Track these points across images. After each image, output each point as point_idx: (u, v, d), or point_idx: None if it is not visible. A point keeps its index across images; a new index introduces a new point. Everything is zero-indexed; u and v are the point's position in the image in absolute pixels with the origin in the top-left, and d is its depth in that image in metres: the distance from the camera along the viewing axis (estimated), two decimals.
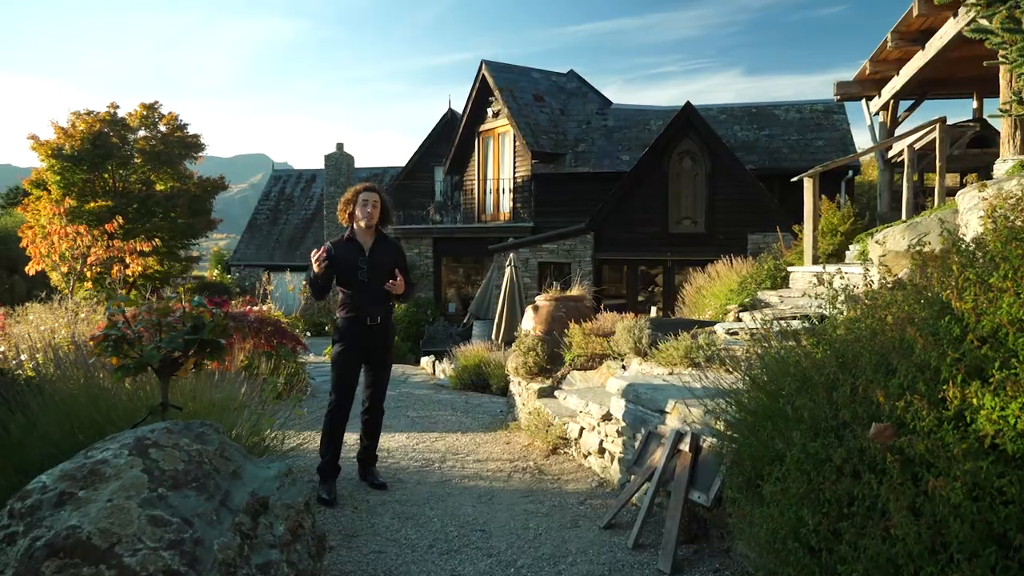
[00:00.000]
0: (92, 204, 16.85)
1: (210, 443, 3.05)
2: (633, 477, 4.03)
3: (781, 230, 10.56)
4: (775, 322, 5.12)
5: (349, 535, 3.93)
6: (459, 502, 4.48)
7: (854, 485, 2.07)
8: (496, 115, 18.23)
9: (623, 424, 4.51)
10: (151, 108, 18.53)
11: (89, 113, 17.18)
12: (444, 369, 10.75)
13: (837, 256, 8.65)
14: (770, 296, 7.41)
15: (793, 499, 2.27)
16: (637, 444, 4.23)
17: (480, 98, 18.60)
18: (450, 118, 24.04)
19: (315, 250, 4.55)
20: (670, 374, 4.96)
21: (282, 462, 3.31)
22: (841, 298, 3.14)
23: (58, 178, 16.56)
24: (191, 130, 19.13)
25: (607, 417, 4.76)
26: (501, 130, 18.27)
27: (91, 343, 3.59)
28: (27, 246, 13.19)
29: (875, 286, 2.93)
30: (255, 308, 9.11)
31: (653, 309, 15.94)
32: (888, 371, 2.23)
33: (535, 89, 18.57)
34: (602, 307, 7.30)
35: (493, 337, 12.07)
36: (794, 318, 5.87)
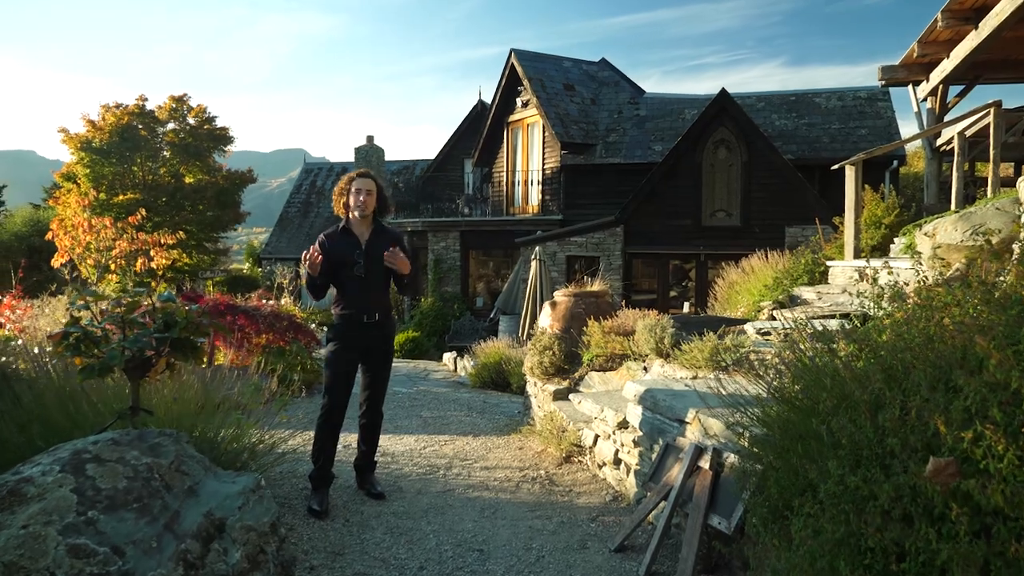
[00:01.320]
0: (121, 197, 16.86)
1: (164, 455, 2.72)
2: (648, 494, 3.62)
3: (820, 223, 9.99)
4: (811, 322, 4.65)
5: (335, 552, 3.60)
6: (460, 515, 4.11)
7: (905, 534, 1.65)
8: (525, 105, 17.81)
9: (639, 433, 4.10)
10: (180, 100, 18.48)
11: (118, 106, 17.19)
12: (465, 366, 10.42)
13: (881, 250, 8.08)
14: (807, 293, 6.90)
15: (827, 545, 1.85)
16: (654, 456, 3.82)
17: (509, 88, 18.20)
18: (480, 110, 23.66)
19: (306, 250, 4.21)
20: (694, 378, 4.52)
21: (251, 475, 2.98)
22: (888, 295, 2.69)
23: (87, 171, 16.60)
24: (220, 123, 19.08)
25: (623, 425, 4.35)
26: (530, 121, 17.84)
27: (48, 342, 3.29)
28: (53, 239, 13.18)
29: (929, 282, 2.48)
30: (270, 302, 8.85)
31: (686, 305, 15.40)
32: (949, 390, 1.79)
33: (565, 78, 18.09)
34: (623, 303, 6.85)
35: (519, 333, 11.70)
36: (832, 317, 5.38)
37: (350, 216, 4.39)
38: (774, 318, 6.10)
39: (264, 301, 8.84)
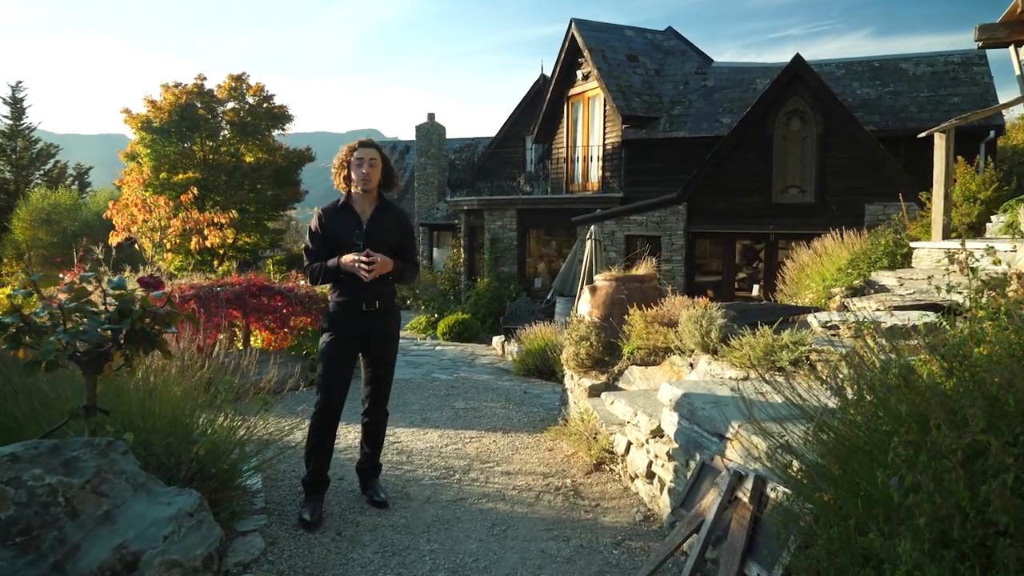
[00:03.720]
0: (180, 176, 16.98)
1: (80, 473, 2.29)
2: (679, 523, 3.02)
3: (905, 199, 9.01)
4: (888, 315, 3.91)
5: None
6: (466, 532, 3.61)
7: None
8: (586, 78, 17.02)
9: (675, 446, 3.49)
10: (239, 79, 18.47)
11: (177, 85, 17.27)
12: (511, 351, 9.91)
13: (975, 229, 7.13)
14: (887, 278, 6.07)
15: None
16: (689, 474, 3.21)
17: (569, 60, 17.42)
18: (542, 84, 22.90)
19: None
20: (744, 379, 3.86)
21: (191, 496, 2.52)
22: (986, 284, 2.00)
23: (148, 150, 16.76)
24: (279, 101, 19.03)
25: (657, 433, 3.75)
26: (591, 94, 17.05)
27: None
28: (110, 217, 13.26)
29: None
30: (303, 283, 8.52)
31: (755, 288, 14.45)
32: None
33: (628, 48, 17.19)
34: (668, 290, 6.14)
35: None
36: (915, 308, 4.60)
37: (352, 190, 3.91)
38: (846, 307, 5.34)
39: (297, 282, 8.51)
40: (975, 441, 1.32)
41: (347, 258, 3.70)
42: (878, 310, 4.77)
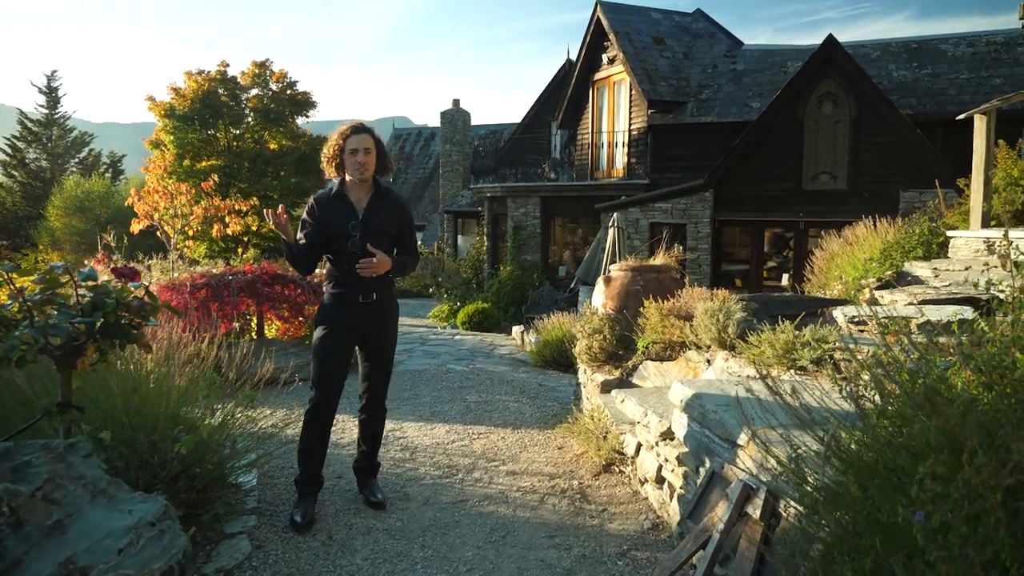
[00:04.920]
0: (204, 163, 16.99)
1: (29, 479, 2.14)
2: (686, 536, 2.79)
3: (942, 186, 8.59)
4: (919, 311, 3.63)
5: None
6: (464, 538, 3.42)
7: None
8: (611, 61, 16.63)
9: (685, 450, 3.26)
10: (262, 66, 18.39)
11: (200, 73, 17.25)
12: (529, 342, 9.69)
13: (1017, 217, 6.72)
14: (921, 269, 5.74)
15: None
16: (699, 481, 2.98)
17: (594, 44, 17.04)
18: (568, 69, 22.54)
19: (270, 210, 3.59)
20: (763, 378, 3.60)
21: (156, 503, 2.36)
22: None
23: (171, 137, 16.78)
24: (301, 87, 18.91)
25: (668, 435, 3.51)
26: (616, 78, 16.66)
27: None
28: (132, 204, 13.25)
29: None
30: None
31: (784, 277, 14.06)
32: None
33: (655, 31, 16.76)
34: (688, 281, 5.85)
35: None
36: (950, 302, 4.29)
37: (346, 178, 3.71)
38: (876, 301, 5.04)
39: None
40: (1020, 481, 1.08)
41: None
42: (910, 304, 4.47)
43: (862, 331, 3.81)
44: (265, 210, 3.69)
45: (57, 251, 29.23)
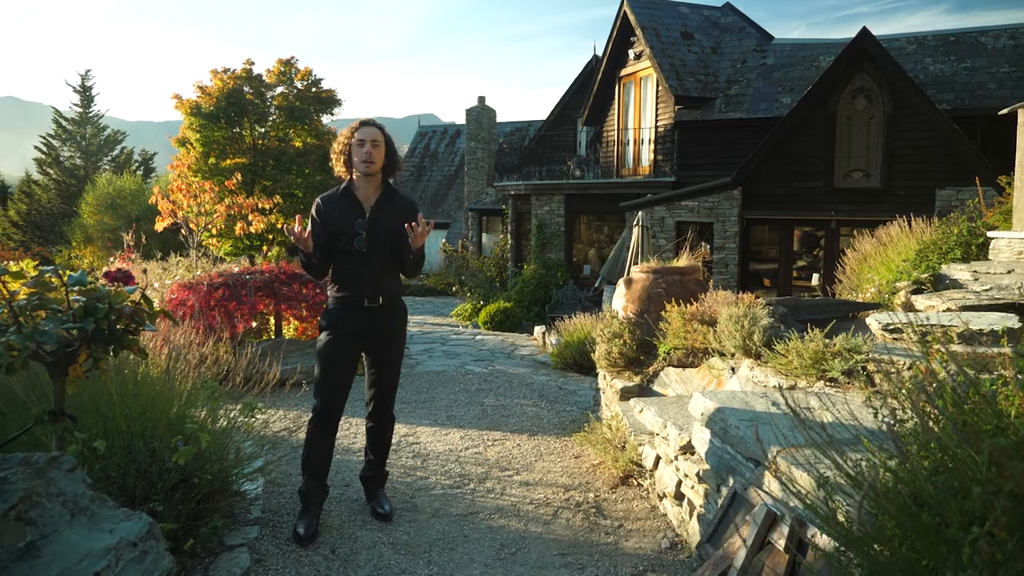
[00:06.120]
0: (228, 161, 17.02)
1: (4, 497, 2.02)
2: (705, 563, 2.61)
3: (981, 184, 8.26)
4: (962, 316, 3.39)
5: None
6: (471, 554, 3.26)
7: None
8: (638, 57, 16.36)
9: (706, 466, 3.07)
10: (288, 64, 18.39)
11: (226, 71, 17.29)
12: (551, 343, 9.52)
13: None
14: (959, 272, 5.46)
15: None
16: (720, 502, 2.79)
17: (621, 39, 16.78)
18: (594, 65, 22.29)
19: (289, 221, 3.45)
20: (791, 388, 3.41)
21: (139, 521, 2.24)
22: None
23: (197, 135, 16.84)
24: (327, 85, 18.88)
25: (687, 449, 3.32)
26: (643, 74, 16.39)
27: None
28: (155, 202, 13.29)
29: None
30: None
31: (815, 277, 13.72)
32: None
33: (683, 26, 16.46)
34: (710, 283, 5.62)
35: None
36: (993, 308, 4.04)
37: (353, 176, 3.58)
38: (911, 305, 4.79)
39: None
40: None
41: None
42: (948, 310, 4.22)
43: (896, 339, 3.58)
44: (284, 226, 3.58)
45: (89, 247, 29.63)
